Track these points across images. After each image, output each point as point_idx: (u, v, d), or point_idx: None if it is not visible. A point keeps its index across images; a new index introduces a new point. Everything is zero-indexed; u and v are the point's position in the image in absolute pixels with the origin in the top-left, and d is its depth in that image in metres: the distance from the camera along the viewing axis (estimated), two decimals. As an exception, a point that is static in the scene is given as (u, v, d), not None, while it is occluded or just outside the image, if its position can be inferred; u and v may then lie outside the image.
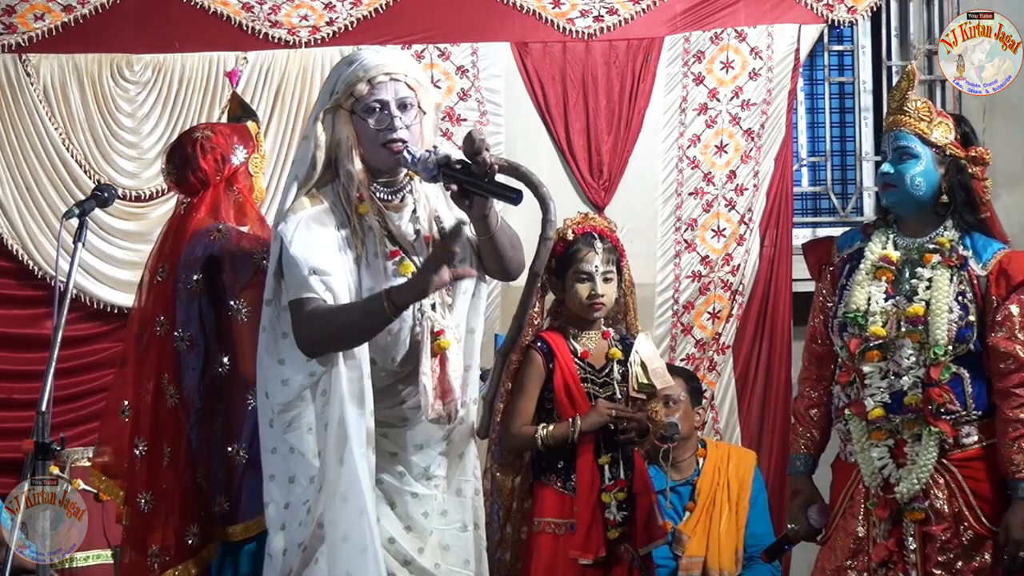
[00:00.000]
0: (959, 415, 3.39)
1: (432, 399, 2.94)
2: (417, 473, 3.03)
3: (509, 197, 2.78)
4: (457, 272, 2.80)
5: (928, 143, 3.47)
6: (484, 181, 2.80)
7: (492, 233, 2.95)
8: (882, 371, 3.44)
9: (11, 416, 5.36)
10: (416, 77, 3.00)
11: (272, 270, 2.98)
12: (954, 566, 3.38)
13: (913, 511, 3.39)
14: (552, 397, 3.91)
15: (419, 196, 3.02)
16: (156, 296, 3.61)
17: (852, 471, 3.50)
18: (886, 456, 3.42)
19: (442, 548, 3.02)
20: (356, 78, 2.94)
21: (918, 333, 3.40)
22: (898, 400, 3.41)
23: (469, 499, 3.10)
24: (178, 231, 3.62)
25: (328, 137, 2.96)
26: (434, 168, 2.83)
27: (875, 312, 3.46)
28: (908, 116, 3.49)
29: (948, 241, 3.46)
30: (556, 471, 3.93)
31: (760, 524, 4.75)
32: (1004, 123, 5.78)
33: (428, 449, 3.05)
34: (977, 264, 3.45)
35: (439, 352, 2.95)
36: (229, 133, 3.71)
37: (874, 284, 3.49)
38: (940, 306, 3.39)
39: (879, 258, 3.50)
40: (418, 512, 3.01)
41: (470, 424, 3.11)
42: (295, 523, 2.97)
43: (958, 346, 3.39)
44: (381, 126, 2.93)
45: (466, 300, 3.07)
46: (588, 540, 3.85)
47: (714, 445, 4.91)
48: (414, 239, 3.00)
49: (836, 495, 3.58)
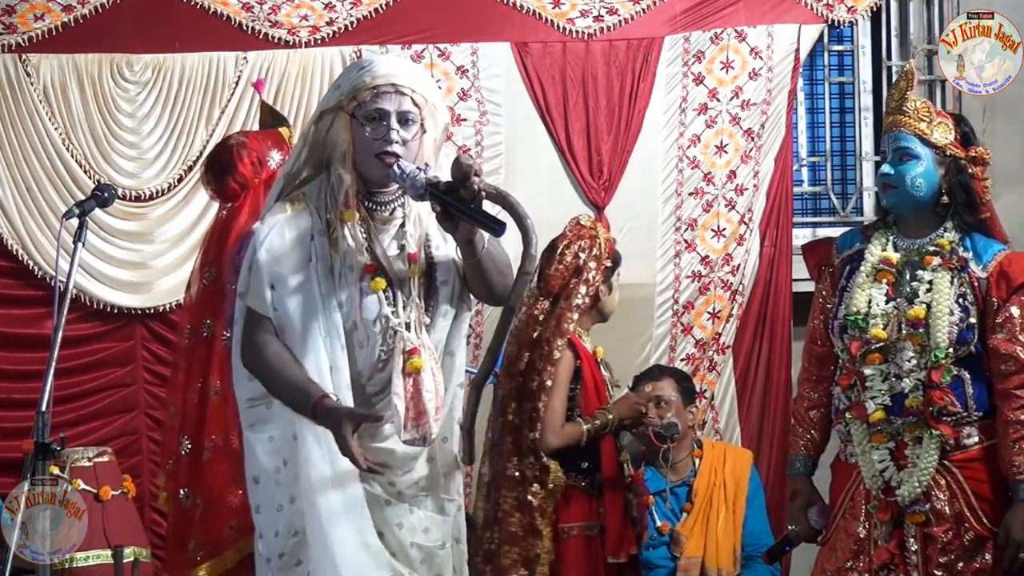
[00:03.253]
0: (960, 416, 3.39)
1: (405, 420, 2.89)
2: (398, 489, 3.00)
3: (491, 228, 2.75)
4: (352, 454, 2.77)
5: (928, 143, 3.46)
6: (469, 207, 2.77)
7: (477, 258, 2.88)
8: (883, 374, 3.44)
9: (11, 416, 5.36)
10: (425, 95, 2.94)
11: (246, 264, 2.96)
12: (955, 567, 3.38)
13: (914, 513, 3.38)
14: (577, 394, 3.97)
15: (410, 213, 2.97)
16: (203, 300, 3.66)
17: (852, 472, 3.50)
18: (887, 459, 3.41)
19: (420, 563, 3.00)
20: (362, 84, 2.90)
21: (919, 336, 3.40)
22: (899, 403, 3.41)
23: (452, 517, 3.08)
24: (222, 235, 3.69)
25: (324, 137, 2.94)
26: (421, 187, 2.80)
27: (876, 315, 3.45)
28: (908, 116, 3.48)
29: (948, 243, 3.46)
30: (581, 472, 3.97)
31: (757, 523, 4.75)
32: (1004, 123, 5.78)
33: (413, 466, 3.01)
34: (977, 266, 3.44)
35: (413, 372, 2.90)
36: (263, 138, 3.78)
37: (875, 286, 3.49)
38: (941, 309, 3.39)
39: (879, 260, 3.50)
40: (393, 521, 2.98)
41: (453, 446, 3.06)
42: (271, 532, 2.95)
43: (959, 348, 3.39)
44: (377, 136, 2.89)
45: (447, 322, 3.01)
46: (621, 539, 3.91)
47: (710, 445, 4.92)
48: (396, 254, 2.95)
49: (836, 496, 3.57)
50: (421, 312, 2.96)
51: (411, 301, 2.94)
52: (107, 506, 4.59)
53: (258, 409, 2.99)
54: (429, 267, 2.98)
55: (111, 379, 5.57)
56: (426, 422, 2.91)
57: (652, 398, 4.59)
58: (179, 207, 5.58)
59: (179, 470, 3.69)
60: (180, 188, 5.58)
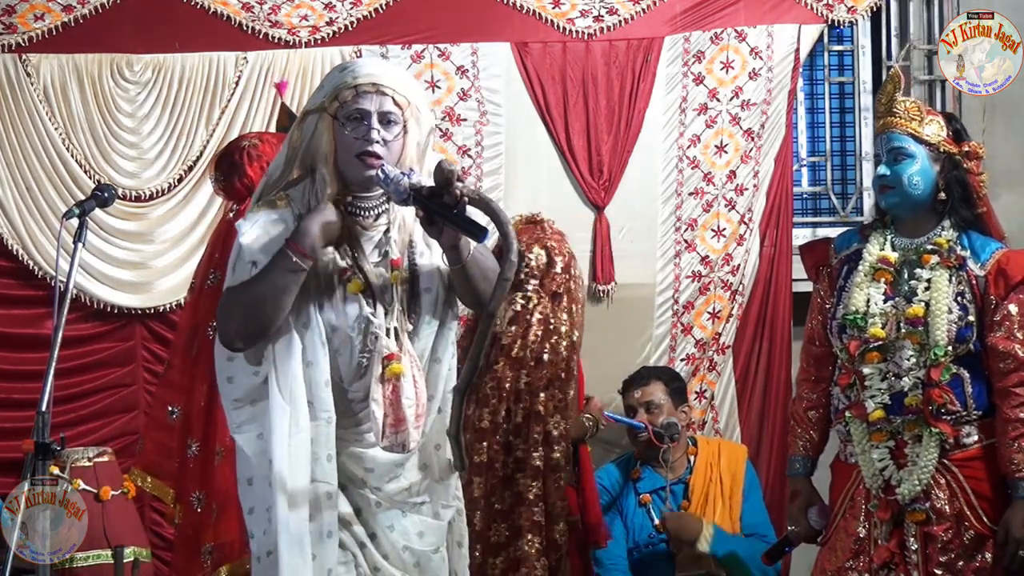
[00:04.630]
0: (959, 415, 3.39)
1: (383, 426, 2.86)
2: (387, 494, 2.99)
3: (473, 233, 2.75)
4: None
5: (921, 141, 3.47)
6: (452, 212, 2.76)
7: (463, 264, 2.86)
8: (882, 372, 3.44)
9: (11, 416, 5.36)
10: (408, 95, 2.92)
11: (231, 262, 2.95)
12: (955, 566, 3.38)
13: (914, 512, 3.39)
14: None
15: (395, 219, 2.95)
16: (208, 301, 3.66)
17: (852, 472, 3.50)
18: (887, 457, 3.42)
19: (413, 566, 3.00)
20: (344, 84, 2.88)
21: (918, 334, 3.40)
22: (898, 401, 3.42)
23: (446, 521, 3.06)
24: (227, 238, 3.68)
25: (308, 139, 2.93)
26: (405, 192, 2.79)
27: (874, 314, 3.46)
28: (899, 117, 3.49)
29: (946, 241, 3.46)
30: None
31: (755, 515, 4.74)
32: (1004, 123, 5.79)
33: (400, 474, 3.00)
34: (975, 264, 3.45)
35: (391, 378, 2.87)
36: (276, 142, 3.78)
37: (873, 286, 3.49)
38: (940, 307, 3.39)
39: (877, 260, 3.50)
40: (384, 524, 2.98)
41: (447, 452, 3.04)
42: (260, 530, 2.94)
43: (958, 346, 3.39)
44: (358, 136, 2.87)
45: (432, 328, 2.98)
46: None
47: (704, 442, 4.92)
48: (379, 260, 2.93)
49: (836, 496, 3.58)
50: (404, 319, 2.94)
51: (392, 307, 2.92)
52: (107, 506, 4.58)
53: (243, 410, 2.96)
54: (412, 274, 2.96)
55: (111, 379, 5.57)
56: (404, 429, 2.88)
57: (642, 404, 4.64)
58: (179, 207, 5.58)
59: (187, 473, 3.68)
60: (180, 188, 5.58)
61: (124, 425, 5.54)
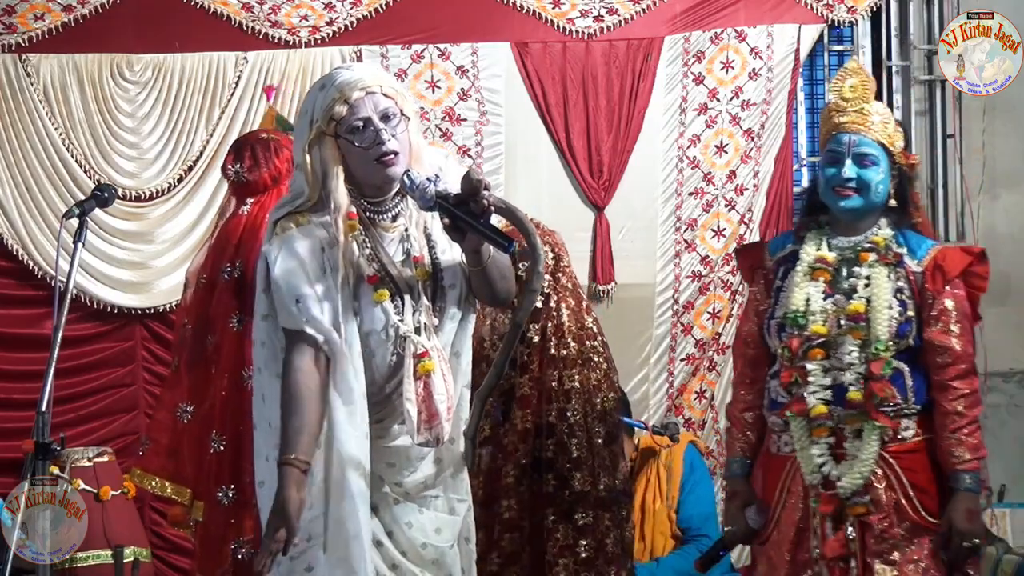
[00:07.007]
0: (900, 408, 3.42)
1: (417, 423, 2.91)
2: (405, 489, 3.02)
3: (500, 244, 2.78)
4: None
5: (887, 150, 3.48)
6: (479, 221, 2.79)
7: (483, 266, 2.90)
8: (824, 369, 3.46)
9: (11, 416, 5.37)
10: (392, 85, 2.96)
11: (261, 287, 2.97)
12: (890, 555, 3.41)
13: (855, 505, 3.41)
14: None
15: (412, 216, 2.98)
16: (226, 294, 3.66)
17: (785, 463, 3.52)
18: (826, 453, 3.44)
19: (432, 563, 3.02)
20: (332, 100, 2.89)
21: (860, 330, 3.43)
22: (840, 396, 3.43)
23: (461, 516, 3.10)
24: (250, 230, 3.68)
25: (318, 167, 2.94)
26: (431, 199, 2.81)
27: (815, 311, 3.47)
28: (872, 122, 3.48)
29: (883, 239, 3.49)
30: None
31: (694, 507, 4.66)
32: (1004, 123, 5.79)
33: (419, 466, 3.03)
34: (912, 260, 3.48)
35: (423, 375, 2.92)
36: (288, 141, 3.78)
37: (812, 284, 3.51)
38: (881, 302, 3.42)
39: (815, 259, 3.52)
40: (402, 520, 3.00)
41: (459, 447, 3.08)
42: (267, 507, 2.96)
43: (899, 341, 3.42)
44: (369, 143, 2.88)
45: (454, 323, 3.02)
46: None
47: (643, 445, 4.80)
48: (403, 260, 2.97)
49: (771, 488, 3.58)
50: (430, 315, 2.97)
51: (420, 305, 2.96)
52: (107, 506, 4.59)
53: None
54: (436, 270, 3.00)
55: (111, 379, 5.57)
56: (438, 423, 2.93)
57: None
58: (179, 207, 5.59)
59: (212, 469, 3.66)
60: (180, 188, 5.59)
61: (124, 425, 5.55)
